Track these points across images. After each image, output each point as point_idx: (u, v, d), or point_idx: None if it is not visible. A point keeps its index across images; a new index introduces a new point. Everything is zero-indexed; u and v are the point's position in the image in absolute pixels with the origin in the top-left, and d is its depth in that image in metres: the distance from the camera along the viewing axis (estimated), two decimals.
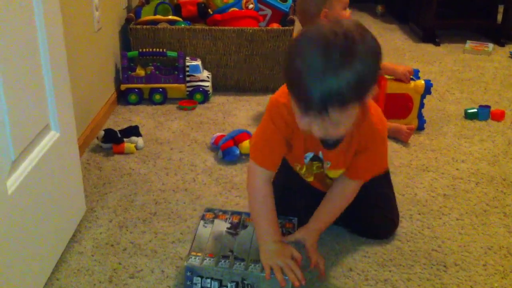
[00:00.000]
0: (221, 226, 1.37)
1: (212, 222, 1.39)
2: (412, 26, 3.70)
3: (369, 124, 1.21)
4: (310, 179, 1.40)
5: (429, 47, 3.35)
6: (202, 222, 1.39)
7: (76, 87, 1.58)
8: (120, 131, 1.95)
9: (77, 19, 1.89)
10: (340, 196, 1.34)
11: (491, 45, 3.26)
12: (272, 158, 1.27)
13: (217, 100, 2.42)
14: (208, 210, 1.45)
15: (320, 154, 1.30)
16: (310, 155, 1.30)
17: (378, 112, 1.27)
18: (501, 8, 3.53)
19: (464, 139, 2.10)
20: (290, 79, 1.07)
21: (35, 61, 1.21)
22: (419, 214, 1.60)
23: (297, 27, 2.41)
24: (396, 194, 1.67)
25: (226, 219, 1.40)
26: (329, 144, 1.26)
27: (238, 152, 1.87)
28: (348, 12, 2.12)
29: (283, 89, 1.18)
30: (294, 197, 1.46)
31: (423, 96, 2.12)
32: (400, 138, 2.05)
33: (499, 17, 3.53)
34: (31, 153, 1.20)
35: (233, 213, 1.43)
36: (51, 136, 1.30)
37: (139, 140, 1.95)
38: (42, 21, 1.21)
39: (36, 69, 1.22)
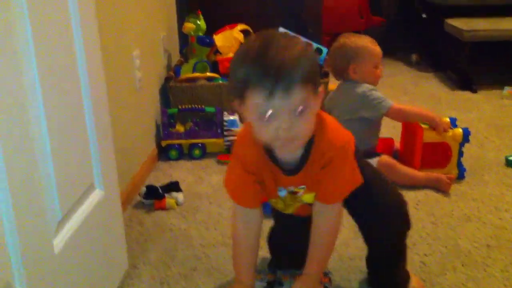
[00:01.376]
0: (257, 286, 1.37)
1: None
2: (447, 74, 3.69)
3: (326, 140, 1.17)
4: (289, 210, 1.33)
5: (466, 94, 3.33)
6: None
7: (118, 145, 1.63)
8: (161, 186, 2.00)
9: (120, 80, 1.98)
10: (324, 227, 1.24)
11: None
12: (247, 197, 1.25)
13: None
14: None
15: (292, 187, 1.24)
16: (284, 189, 1.25)
17: (336, 129, 1.21)
18: None
19: (506, 187, 2.06)
20: (236, 86, 1.08)
21: (80, 122, 1.26)
22: (463, 265, 1.56)
23: (332, 79, 2.44)
24: (439, 246, 1.65)
25: (262, 279, 1.40)
26: (290, 171, 1.21)
27: None
28: (380, 69, 2.14)
29: (246, 128, 1.22)
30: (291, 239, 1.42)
31: (461, 145, 2.11)
32: (440, 188, 2.03)
33: None
34: (76, 212, 1.23)
35: (268, 272, 1.43)
36: (96, 195, 1.33)
37: (180, 196, 1.98)
38: (87, 84, 1.27)
39: (82, 130, 1.27)
